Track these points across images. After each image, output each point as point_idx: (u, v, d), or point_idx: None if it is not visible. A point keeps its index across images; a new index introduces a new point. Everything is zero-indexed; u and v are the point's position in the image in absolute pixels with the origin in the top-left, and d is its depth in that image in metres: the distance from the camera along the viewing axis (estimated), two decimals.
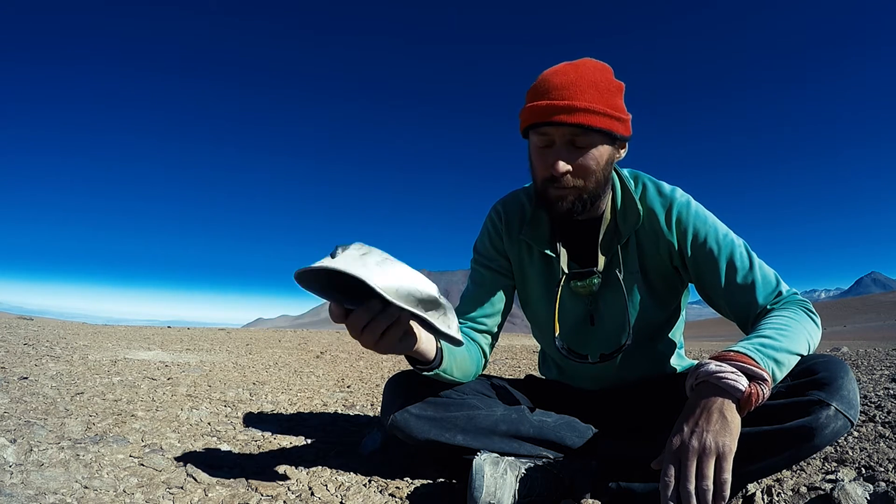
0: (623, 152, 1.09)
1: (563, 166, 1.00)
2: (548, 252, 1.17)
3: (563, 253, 1.16)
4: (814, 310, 0.99)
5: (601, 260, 1.13)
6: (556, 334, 1.15)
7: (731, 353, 0.82)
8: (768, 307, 0.99)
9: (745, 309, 1.02)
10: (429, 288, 0.77)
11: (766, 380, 0.78)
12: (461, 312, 1.23)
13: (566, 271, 1.15)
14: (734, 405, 0.77)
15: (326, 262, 0.73)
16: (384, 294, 0.72)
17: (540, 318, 1.26)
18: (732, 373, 0.78)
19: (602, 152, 1.02)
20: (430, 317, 0.78)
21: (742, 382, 0.77)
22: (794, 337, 0.88)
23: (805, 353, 0.91)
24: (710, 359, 0.82)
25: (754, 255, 1.05)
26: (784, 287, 1.02)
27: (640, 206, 1.10)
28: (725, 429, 0.75)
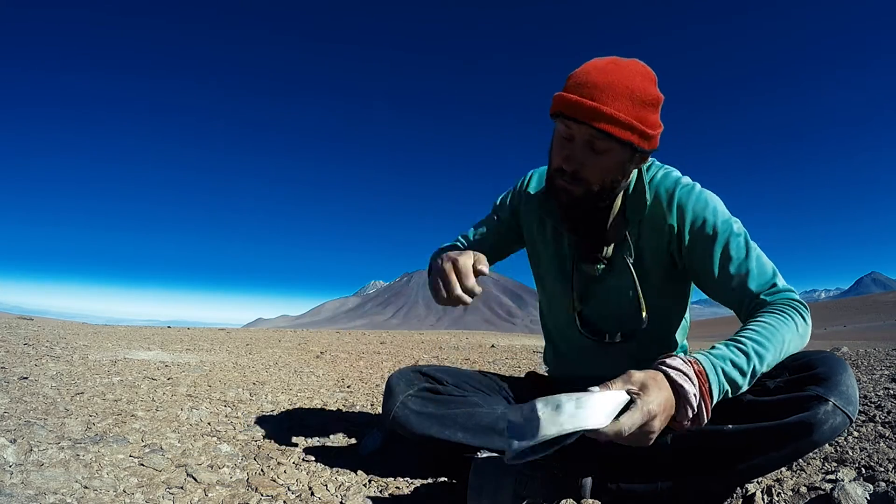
0: (642, 164, 1.08)
1: (570, 165, 1.01)
2: (557, 229, 1.20)
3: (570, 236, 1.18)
4: (806, 315, 0.95)
5: (607, 245, 1.13)
6: (577, 311, 1.19)
7: (706, 388, 0.80)
8: (762, 296, 0.98)
9: (737, 297, 1.01)
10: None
11: (703, 412, 0.79)
12: (467, 237, 1.35)
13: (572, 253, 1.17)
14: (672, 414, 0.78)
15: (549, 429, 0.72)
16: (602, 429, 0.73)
17: (549, 290, 1.29)
18: (693, 396, 0.77)
19: (616, 162, 1.01)
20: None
21: (689, 415, 0.78)
22: (765, 361, 0.87)
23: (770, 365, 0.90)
24: (689, 366, 0.80)
25: (754, 245, 1.03)
26: (780, 281, 1.00)
27: (648, 194, 1.10)
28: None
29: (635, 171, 1.12)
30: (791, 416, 0.83)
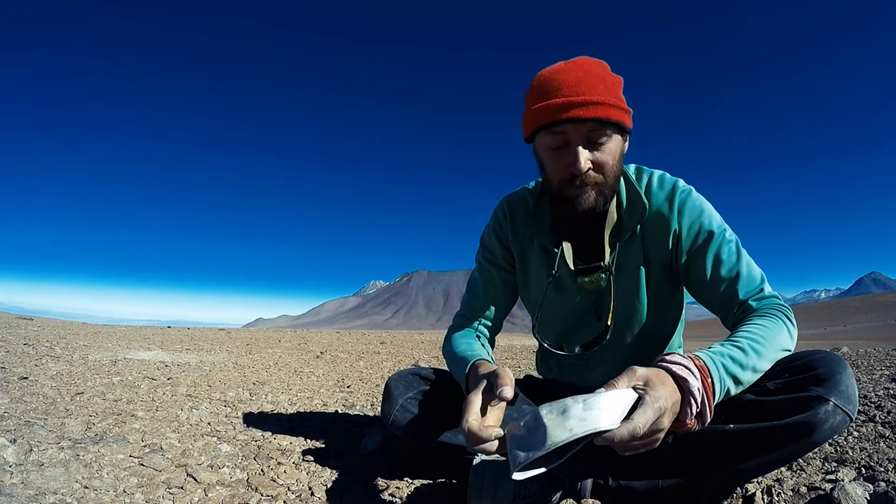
0: (626, 146, 1.08)
1: (586, 162, 0.98)
2: (549, 248, 1.16)
3: (568, 248, 1.15)
4: (793, 319, 0.97)
5: (607, 254, 1.12)
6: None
7: (709, 383, 0.79)
8: (750, 301, 0.99)
9: (726, 301, 1.02)
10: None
11: (705, 416, 0.78)
12: (471, 307, 1.26)
13: (572, 267, 1.14)
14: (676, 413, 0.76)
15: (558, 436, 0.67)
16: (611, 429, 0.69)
17: (549, 311, 1.24)
18: (697, 390, 0.76)
19: (616, 145, 1.02)
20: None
21: (693, 411, 0.75)
22: (765, 358, 0.88)
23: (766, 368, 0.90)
24: (690, 360, 0.79)
25: (744, 251, 1.05)
26: (767, 288, 1.01)
27: (645, 200, 1.10)
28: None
29: (622, 179, 1.12)
30: (792, 416, 0.83)
